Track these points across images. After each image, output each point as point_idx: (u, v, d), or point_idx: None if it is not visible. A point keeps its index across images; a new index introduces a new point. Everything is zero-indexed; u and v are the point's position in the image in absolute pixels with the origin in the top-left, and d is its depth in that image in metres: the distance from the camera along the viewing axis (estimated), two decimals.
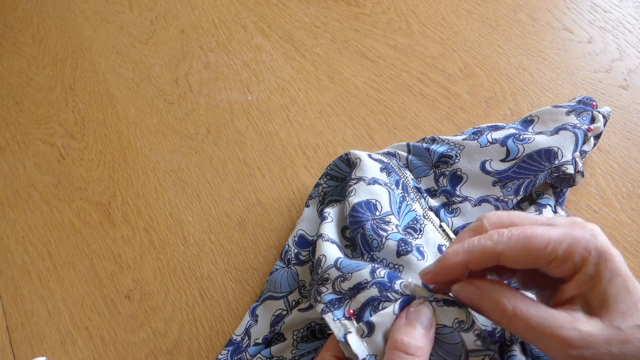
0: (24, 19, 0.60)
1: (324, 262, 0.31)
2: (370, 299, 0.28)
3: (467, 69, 0.49)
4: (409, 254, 0.32)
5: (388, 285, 0.28)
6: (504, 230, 0.25)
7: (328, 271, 0.30)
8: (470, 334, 0.26)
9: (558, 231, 0.24)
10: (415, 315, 0.26)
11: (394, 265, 0.32)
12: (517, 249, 0.24)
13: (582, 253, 0.24)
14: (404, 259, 0.32)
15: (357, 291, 0.29)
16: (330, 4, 0.56)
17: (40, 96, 0.53)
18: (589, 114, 0.40)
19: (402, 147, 0.40)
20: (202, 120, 0.49)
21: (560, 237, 0.24)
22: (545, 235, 0.24)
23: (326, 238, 0.33)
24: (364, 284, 0.29)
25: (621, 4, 0.51)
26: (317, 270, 0.31)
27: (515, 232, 0.25)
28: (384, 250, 0.32)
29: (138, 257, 0.42)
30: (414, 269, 0.31)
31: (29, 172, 0.47)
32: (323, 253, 0.32)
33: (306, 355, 0.34)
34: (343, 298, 0.29)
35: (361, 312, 0.28)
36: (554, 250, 0.24)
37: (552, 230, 0.24)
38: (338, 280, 0.30)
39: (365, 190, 0.35)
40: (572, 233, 0.24)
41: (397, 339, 0.25)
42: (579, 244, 0.24)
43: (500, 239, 0.25)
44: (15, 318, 0.40)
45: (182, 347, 0.37)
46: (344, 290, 0.29)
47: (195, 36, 0.55)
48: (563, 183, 0.38)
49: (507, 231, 0.25)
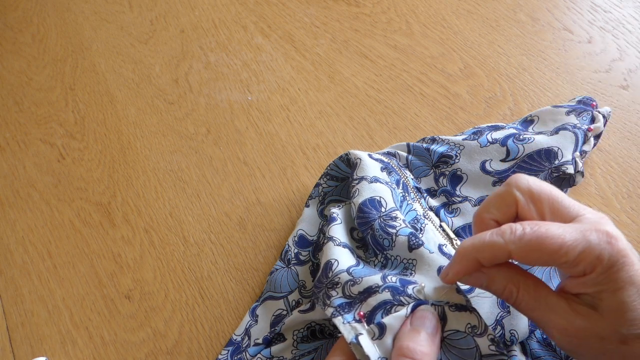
0: (24, 19, 0.60)
1: (336, 267, 0.31)
2: (382, 303, 0.28)
3: (467, 69, 0.49)
4: (421, 247, 0.31)
5: (401, 289, 0.28)
6: (517, 227, 0.24)
7: (339, 275, 0.30)
8: (485, 339, 0.26)
9: (574, 233, 0.24)
10: (420, 321, 0.26)
11: (408, 260, 0.32)
12: (528, 249, 0.24)
13: (593, 261, 0.23)
14: (416, 253, 0.31)
15: (368, 295, 0.28)
16: (330, 4, 0.56)
17: (40, 96, 0.53)
18: (589, 114, 0.40)
19: (402, 147, 0.40)
20: (202, 120, 0.49)
21: (574, 242, 0.23)
22: (559, 238, 0.23)
23: (338, 242, 0.33)
24: (375, 288, 0.28)
25: (621, 4, 0.51)
26: (326, 273, 0.31)
27: (528, 230, 0.24)
28: (396, 248, 0.32)
29: (138, 257, 0.42)
30: (426, 262, 0.31)
31: (29, 172, 0.47)
32: (335, 257, 0.31)
33: (306, 355, 0.34)
34: (353, 302, 0.29)
35: (372, 315, 0.28)
36: (566, 254, 0.23)
37: (567, 231, 0.24)
38: (348, 284, 0.30)
39: (368, 188, 0.35)
40: (588, 237, 0.23)
41: (403, 345, 0.25)
42: (593, 250, 0.23)
43: (512, 237, 0.24)
44: (15, 318, 0.40)
45: (182, 347, 0.37)
46: (354, 294, 0.29)
47: (195, 36, 0.55)
48: (563, 183, 0.38)
49: (520, 229, 0.24)
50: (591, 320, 0.24)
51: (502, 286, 0.26)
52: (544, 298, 0.25)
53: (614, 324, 0.23)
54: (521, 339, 0.32)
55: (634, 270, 0.23)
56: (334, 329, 0.34)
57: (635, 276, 0.23)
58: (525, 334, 0.32)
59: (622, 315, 0.23)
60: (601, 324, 0.24)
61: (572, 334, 0.24)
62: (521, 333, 0.32)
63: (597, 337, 0.24)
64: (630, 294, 0.23)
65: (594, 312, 0.24)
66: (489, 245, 0.25)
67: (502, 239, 0.24)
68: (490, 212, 0.28)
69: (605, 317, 0.24)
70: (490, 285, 0.26)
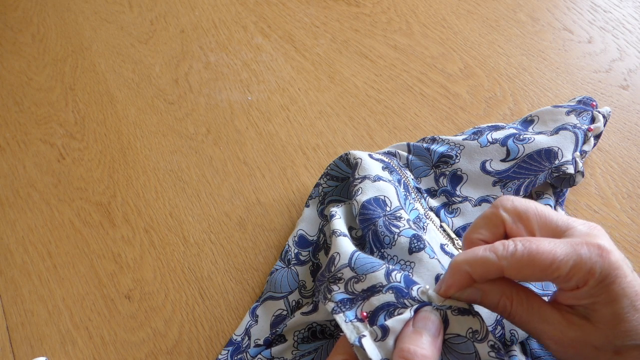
0: (24, 19, 0.60)
1: (338, 261, 0.31)
2: (386, 304, 0.27)
3: (467, 69, 0.49)
4: (422, 251, 0.31)
5: (405, 291, 0.28)
6: (509, 244, 0.25)
7: (342, 270, 0.30)
8: (485, 345, 0.25)
9: (565, 248, 0.24)
10: (422, 324, 0.26)
11: (405, 262, 0.31)
12: (520, 265, 0.24)
13: (585, 275, 0.23)
14: (415, 256, 0.31)
15: (371, 294, 0.28)
16: (330, 4, 0.56)
17: (40, 96, 0.53)
18: (589, 114, 0.40)
19: (402, 147, 0.40)
20: (202, 120, 0.49)
21: (566, 257, 0.23)
22: (550, 253, 0.24)
23: (339, 233, 0.33)
24: (379, 287, 0.28)
25: (621, 4, 0.51)
26: (329, 267, 0.31)
27: (519, 247, 0.24)
28: (395, 247, 0.32)
29: (138, 257, 0.42)
30: (425, 266, 0.31)
31: (29, 172, 0.47)
32: (337, 250, 0.31)
33: (306, 355, 0.34)
34: (355, 299, 0.29)
35: (374, 316, 0.27)
36: (558, 269, 0.23)
37: (558, 246, 0.24)
38: (352, 281, 0.29)
39: (372, 187, 0.35)
40: (579, 252, 0.23)
41: (404, 347, 0.25)
42: (584, 265, 0.23)
43: (504, 253, 0.24)
44: (15, 318, 0.40)
45: (182, 347, 0.37)
46: (357, 291, 0.29)
47: (195, 36, 0.55)
48: (563, 183, 0.38)
49: (512, 245, 0.24)
50: (585, 331, 0.24)
51: (496, 300, 0.26)
52: (537, 310, 0.25)
53: (607, 335, 0.23)
54: (521, 339, 0.32)
55: (626, 283, 0.23)
56: (335, 329, 0.34)
57: (628, 288, 0.23)
58: (525, 334, 0.32)
59: (615, 326, 0.23)
60: (595, 335, 0.24)
61: (567, 345, 0.24)
62: (521, 333, 0.32)
63: (592, 347, 0.24)
64: (623, 305, 0.23)
65: (587, 323, 0.24)
66: (481, 261, 0.25)
67: (495, 255, 0.24)
68: (479, 232, 0.28)
69: (599, 328, 0.24)
70: (484, 299, 0.26)
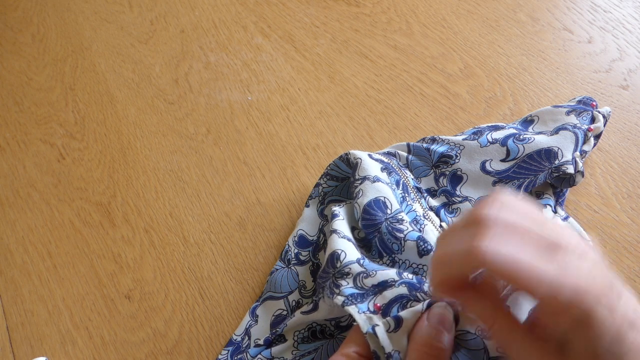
0: (24, 19, 0.60)
1: (344, 257, 0.31)
2: (399, 297, 0.28)
3: (467, 69, 0.49)
4: (431, 253, 0.32)
5: (417, 285, 0.28)
6: None
7: (349, 266, 0.30)
8: (493, 342, 0.26)
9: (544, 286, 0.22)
10: (437, 318, 0.26)
11: (417, 265, 0.32)
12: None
13: (559, 321, 0.22)
14: (426, 259, 0.32)
15: (383, 288, 0.29)
16: (330, 4, 0.56)
17: (40, 96, 0.53)
18: (589, 114, 0.40)
19: (402, 147, 0.40)
20: (202, 120, 0.49)
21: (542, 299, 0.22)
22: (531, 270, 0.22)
23: (342, 235, 0.33)
24: (391, 282, 0.29)
25: (621, 4, 0.51)
26: (333, 263, 0.31)
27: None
28: (405, 252, 0.32)
29: (138, 257, 0.42)
30: None
31: (29, 172, 0.47)
32: (341, 248, 0.32)
33: (306, 355, 0.34)
34: (366, 294, 0.29)
35: (388, 308, 0.28)
36: (533, 293, 0.22)
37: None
38: (361, 275, 0.30)
39: (372, 188, 0.35)
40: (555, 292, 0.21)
41: (420, 340, 0.26)
42: (557, 310, 0.22)
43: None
44: (15, 318, 0.40)
45: (182, 347, 0.37)
46: (367, 286, 0.29)
47: (195, 36, 0.55)
48: (563, 183, 0.38)
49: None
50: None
51: (477, 320, 0.26)
52: (516, 336, 0.24)
53: None
54: None
55: (600, 328, 0.21)
56: (335, 329, 0.34)
57: (605, 331, 0.21)
58: None
59: None
60: None
61: None
62: None
63: None
64: (601, 347, 0.22)
65: (563, 358, 0.23)
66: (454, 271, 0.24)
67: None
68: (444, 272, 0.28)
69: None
70: (465, 313, 0.27)
